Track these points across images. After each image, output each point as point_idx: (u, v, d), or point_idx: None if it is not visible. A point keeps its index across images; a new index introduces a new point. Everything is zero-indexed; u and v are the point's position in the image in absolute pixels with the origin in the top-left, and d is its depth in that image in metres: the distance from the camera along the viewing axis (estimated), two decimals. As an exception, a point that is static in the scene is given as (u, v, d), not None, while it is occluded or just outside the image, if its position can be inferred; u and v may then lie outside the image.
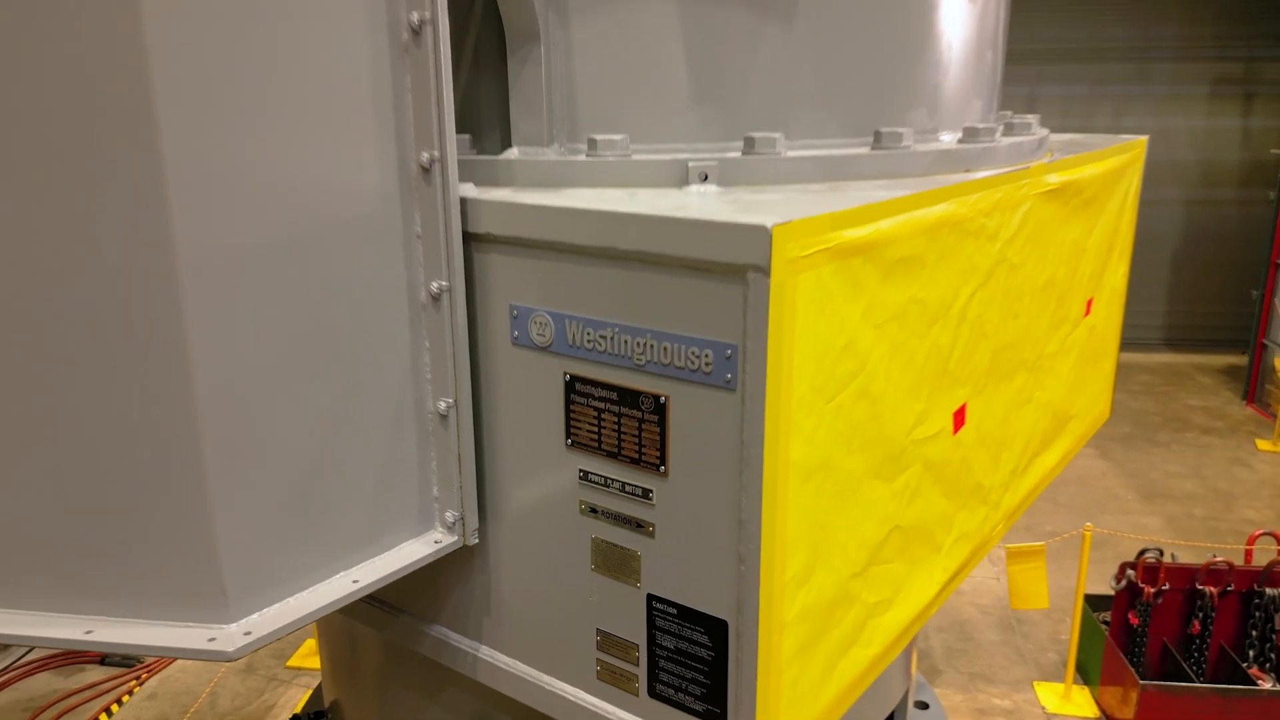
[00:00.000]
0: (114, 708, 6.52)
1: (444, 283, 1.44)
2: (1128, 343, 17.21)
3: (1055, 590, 6.93)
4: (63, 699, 6.66)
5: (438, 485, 1.56)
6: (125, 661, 7.00)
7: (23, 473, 1.28)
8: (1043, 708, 6.24)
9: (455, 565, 1.67)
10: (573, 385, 1.41)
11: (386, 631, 1.87)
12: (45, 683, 6.90)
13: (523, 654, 1.65)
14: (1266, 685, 5.61)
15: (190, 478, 1.25)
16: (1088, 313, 2.59)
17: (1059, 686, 6.37)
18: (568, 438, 1.45)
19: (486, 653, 1.70)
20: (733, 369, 1.25)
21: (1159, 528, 9.04)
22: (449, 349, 1.47)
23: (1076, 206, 2.31)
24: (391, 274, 1.43)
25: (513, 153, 1.61)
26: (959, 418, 1.83)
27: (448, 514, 1.57)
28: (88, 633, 1.30)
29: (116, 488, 1.27)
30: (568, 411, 1.43)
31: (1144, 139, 2.87)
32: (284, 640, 7.30)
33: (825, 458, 1.38)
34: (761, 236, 1.17)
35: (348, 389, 1.41)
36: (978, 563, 2.24)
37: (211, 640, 1.29)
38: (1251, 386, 13.18)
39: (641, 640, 1.47)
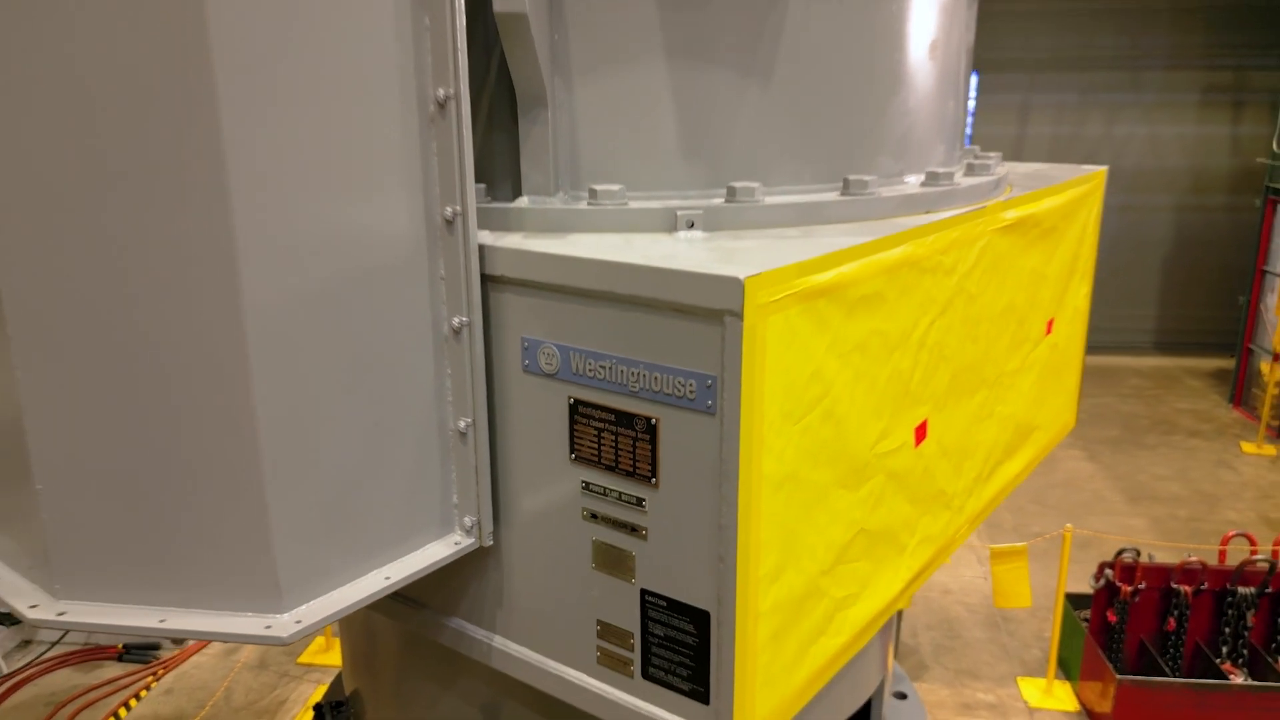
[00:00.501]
0: (132, 702, 6.73)
1: (464, 318, 1.65)
2: (1119, 346, 17.36)
3: (1040, 589, 7.14)
4: (83, 694, 6.87)
5: (457, 494, 1.77)
6: (142, 658, 7.21)
7: (110, 484, 1.49)
8: (1025, 702, 6.45)
9: (472, 564, 1.88)
10: (576, 408, 1.63)
11: (410, 624, 2.08)
12: (65, 678, 7.12)
13: (532, 642, 1.86)
14: (1238, 680, 5.83)
15: (251, 488, 1.47)
16: (1049, 332, 2.80)
17: (1041, 682, 6.59)
18: (571, 452, 1.66)
19: (499, 642, 1.91)
20: (713, 397, 1.46)
21: (1143, 529, 9.25)
22: (468, 375, 1.68)
23: (1035, 237, 2.52)
24: (419, 311, 1.64)
25: (523, 201, 1.82)
26: (920, 432, 2.04)
27: (466, 519, 1.78)
28: (161, 621, 1.51)
29: (188, 496, 1.49)
30: (571, 430, 1.64)
31: (1103, 170, 3.07)
32: (295, 637, 7.50)
33: (793, 471, 1.59)
34: (735, 287, 1.38)
35: (381, 411, 1.63)
36: (943, 562, 2.44)
37: (268, 627, 1.50)
38: (1238, 390, 13.38)
39: (636, 629, 1.68)
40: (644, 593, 1.65)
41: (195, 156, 1.34)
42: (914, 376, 1.94)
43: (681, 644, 1.62)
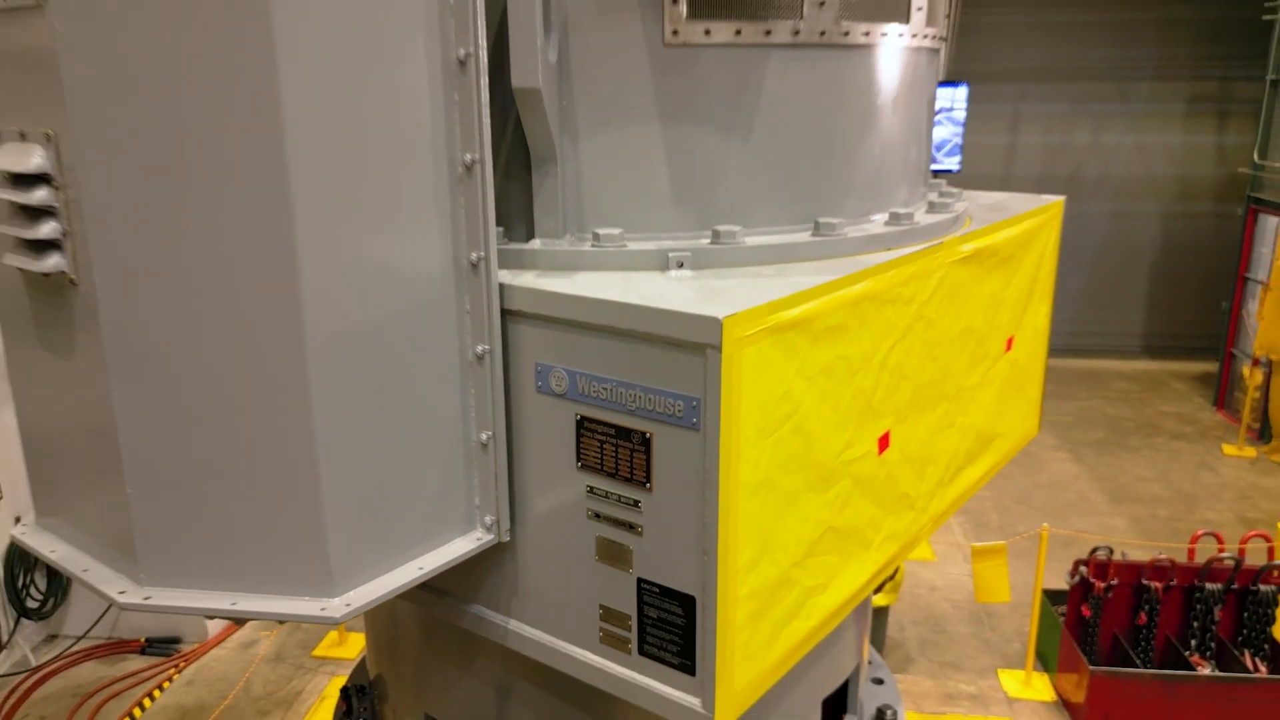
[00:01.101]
0: (156, 693, 7.00)
1: (486, 346, 1.92)
2: (1107, 350, 17.59)
3: (1023, 585, 7.41)
4: (107, 685, 7.14)
5: (479, 496, 2.03)
6: (163, 651, 7.48)
7: (188, 488, 1.76)
8: (1005, 693, 6.73)
9: (491, 557, 2.14)
10: (582, 423, 1.89)
11: (435, 610, 2.35)
12: (91, 671, 7.39)
13: (543, 625, 2.13)
14: (1205, 671, 6.10)
15: (308, 491, 1.73)
16: (1009, 349, 3.06)
17: (1020, 673, 6.86)
18: (578, 461, 1.93)
19: (514, 625, 2.17)
20: (697, 415, 1.72)
21: (1124, 528, 9.53)
22: (489, 395, 1.95)
23: (992, 266, 2.78)
24: (448, 340, 1.90)
25: (535, 243, 2.09)
26: (883, 442, 2.31)
27: (486, 518, 2.04)
28: (233, 604, 1.78)
29: (254, 497, 1.75)
30: (578, 442, 1.91)
31: (1061, 200, 3.33)
32: (309, 633, 7.78)
33: (767, 478, 1.86)
34: (715, 325, 1.64)
35: (415, 424, 1.89)
36: (907, 556, 2.70)
37: (322, 609, 1.76)
38: (1221, 393, 13.65)
39: (633, 612, 1.94)
40: (640, 581, 1.91)
41: (269, 211, 1.61)
42: (876, 393, 2.21)
43: (672, 625, 1.89)
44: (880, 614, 7.10)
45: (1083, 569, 6.34)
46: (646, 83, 2.03)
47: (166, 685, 7.16)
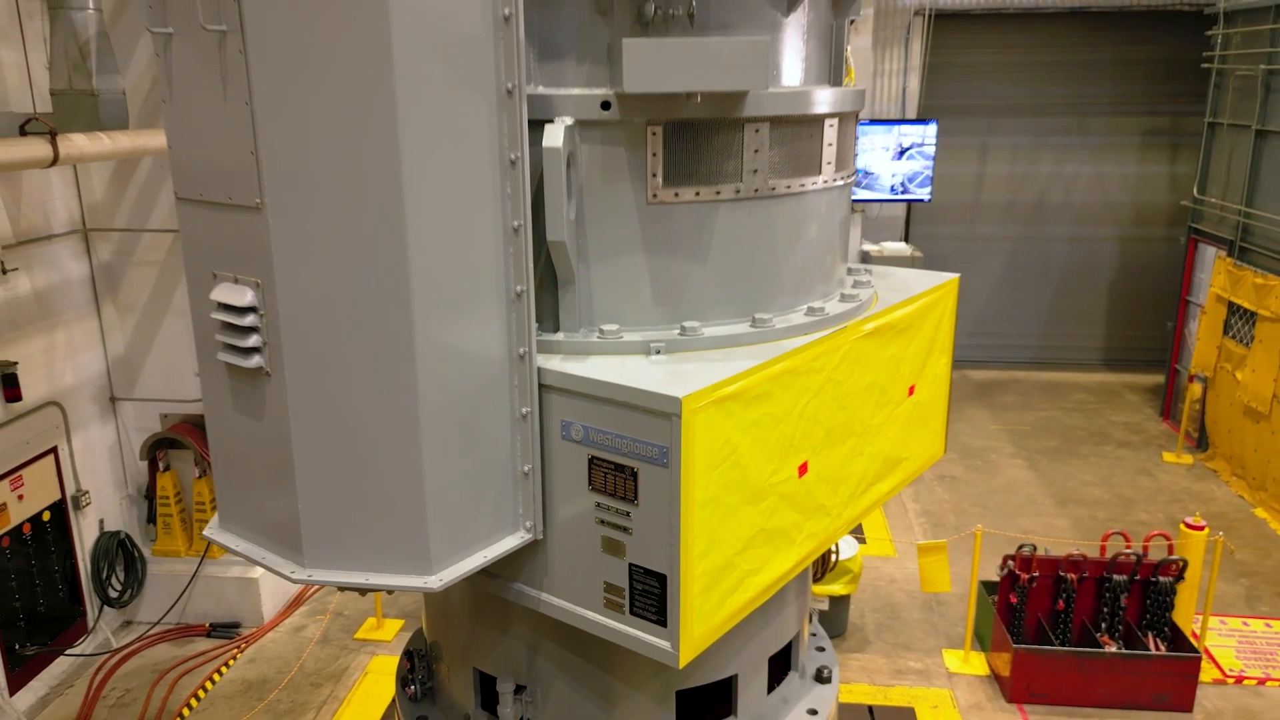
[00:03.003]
0: (223, 669, 7.88)
1: (529, 408, 2.80)
2: (1070, 363, 18.45)
3: (968, 578, 8.27)
4: (181, 664, 8.03)
5: (522, 508, 2.91)
6: (226, 634, 8.36)
7: (337, 497, 2.64)
8: (946, 668, 7.60)
9: (529, 550, 3.01)
10: (592, 460, 2.77)
11: (489, 587, 3.22)
12: (164, 651, 8.28)
13: (564, 595, 3.00)
14: (1111, 649, 6.97)
15: (418, 503, 2.61)
16: (911, 394, 3.94)
17: (960, 653, 7.75)
18: (589, 485, 2.80)
19: (545, 596, 3.04)
20: (666, 457, 2.60)
21: (1066, 528, 10.39)
22: (531, 440, 2.83)
23: (891, 336, 3.66)
24: (504, 404, 2.79)
25: (560, 335, 2.97)
26: (803, 469, 3.18)
27: (527, 523, 2.92)
28: (366, 579, 2.66)
29: (381, 507, 2.63)
30: (589, 473, 2.79)
31: (955, 277, 4.19)
32: (351, 617, 8.66)
33: (714, 496, 2.74)
34: (677, 402, 2.53)
35: (482, 459, 2.77)
36: (826, 548, 3.57)
37: (425, 582, 2.65)
38: (1167, 405, 14.50)
39: (626, 586, 2.82)
40: (630, 565, 2.79)
41: (398, 334, 2.50)
42: (795, 436, 3.09)
43: (651, 594, 2.77)
44: (843, 602, 7.97)
45: (1010, 563, 7.22)
46: (635, 228, 2.92)
47: (231, 663, 8.04)
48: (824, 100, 3.13)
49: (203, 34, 2.37)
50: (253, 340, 2.58)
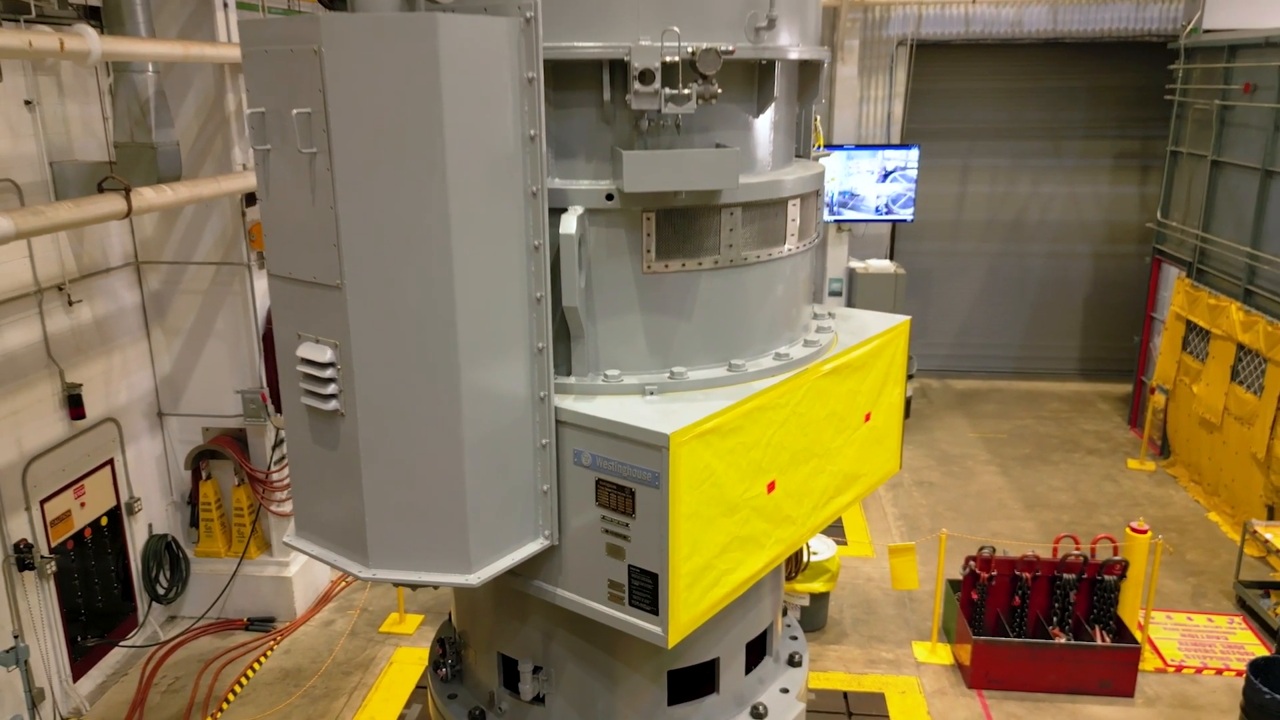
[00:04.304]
0: (262, 659, 8.49)
1: (548, 440, 3.41)
2: (1048, 373, 19.05)
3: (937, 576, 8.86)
4: (223, 654, 8.64)
5: (542, 519, 3.52)
6: (263, 628, 8.97)
7: (396, 507, 3.24)
8: (915, 659, 8.19)
9: (547, 553, 3.62)
10: (599, 482, 3.38)
11: (513, 584, 3.82)
12: (208, 643, 8.90)
13: (576, 590, 3.59)
14: (1061, 641, 7.56)
15: (460, 515, 3.22)
16: (867, 420, 4.54)
17: (928, 644, 8.35)
18: (596, 502, 3.41)
19: (560, 591, 3.64)
20: (658, 480, 3.21)
21: (1032, 530, 10.98)
22: (549, 465, 3.44)
23: (848, 373, 4.26)
24: (528, 436, 3.39)
25: (571, 379, 3.58)
26: (771, 486, 3.79)
27: (546, 531, 3.53)
28: (419, 577, 3.27)
29: (430, 517, 3.24)
30: (596, 492, 3.40)
31: (907, 319, 4.79)
32: (376, 612, 9.26)
33: (697, 510, 3.35)
34: (665, 437, 3.14)
35: (510, 481, 3.38)
36: (792, 551, 4.17)
37: (465, 580, 3.25)
38: (1134, 414, 15.07)
39: (626, 582, 3.42)
40: (629, 566, 3.39)
41: (447, 384, 3.11)
42: (764, 460, 3.70)
43: (646, 589, 3.38)
44: (823, 599, 8.56)
45: (972, 563, 7.82)
46: (633, 293, 3.54)
47: (269, 654, 8.65)
48: (788, 186, 3.75)
49: (297, 154, 2.99)
50: (331, 389, 3.20)
